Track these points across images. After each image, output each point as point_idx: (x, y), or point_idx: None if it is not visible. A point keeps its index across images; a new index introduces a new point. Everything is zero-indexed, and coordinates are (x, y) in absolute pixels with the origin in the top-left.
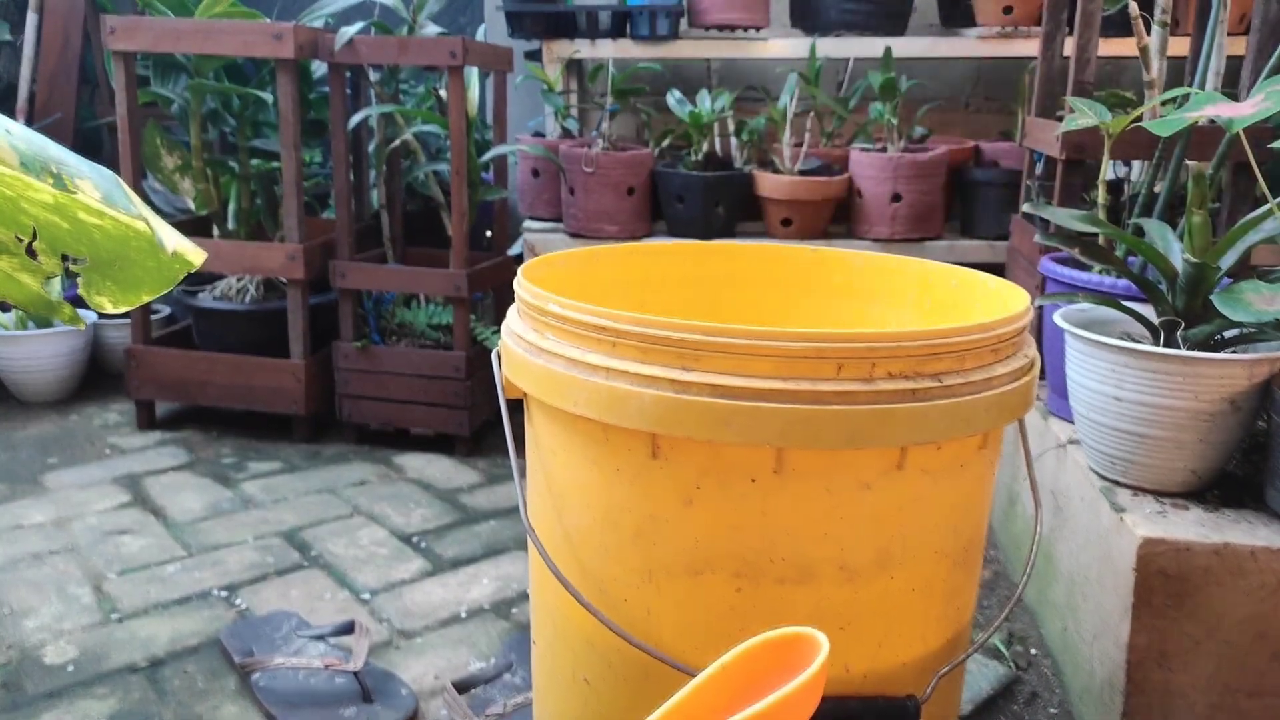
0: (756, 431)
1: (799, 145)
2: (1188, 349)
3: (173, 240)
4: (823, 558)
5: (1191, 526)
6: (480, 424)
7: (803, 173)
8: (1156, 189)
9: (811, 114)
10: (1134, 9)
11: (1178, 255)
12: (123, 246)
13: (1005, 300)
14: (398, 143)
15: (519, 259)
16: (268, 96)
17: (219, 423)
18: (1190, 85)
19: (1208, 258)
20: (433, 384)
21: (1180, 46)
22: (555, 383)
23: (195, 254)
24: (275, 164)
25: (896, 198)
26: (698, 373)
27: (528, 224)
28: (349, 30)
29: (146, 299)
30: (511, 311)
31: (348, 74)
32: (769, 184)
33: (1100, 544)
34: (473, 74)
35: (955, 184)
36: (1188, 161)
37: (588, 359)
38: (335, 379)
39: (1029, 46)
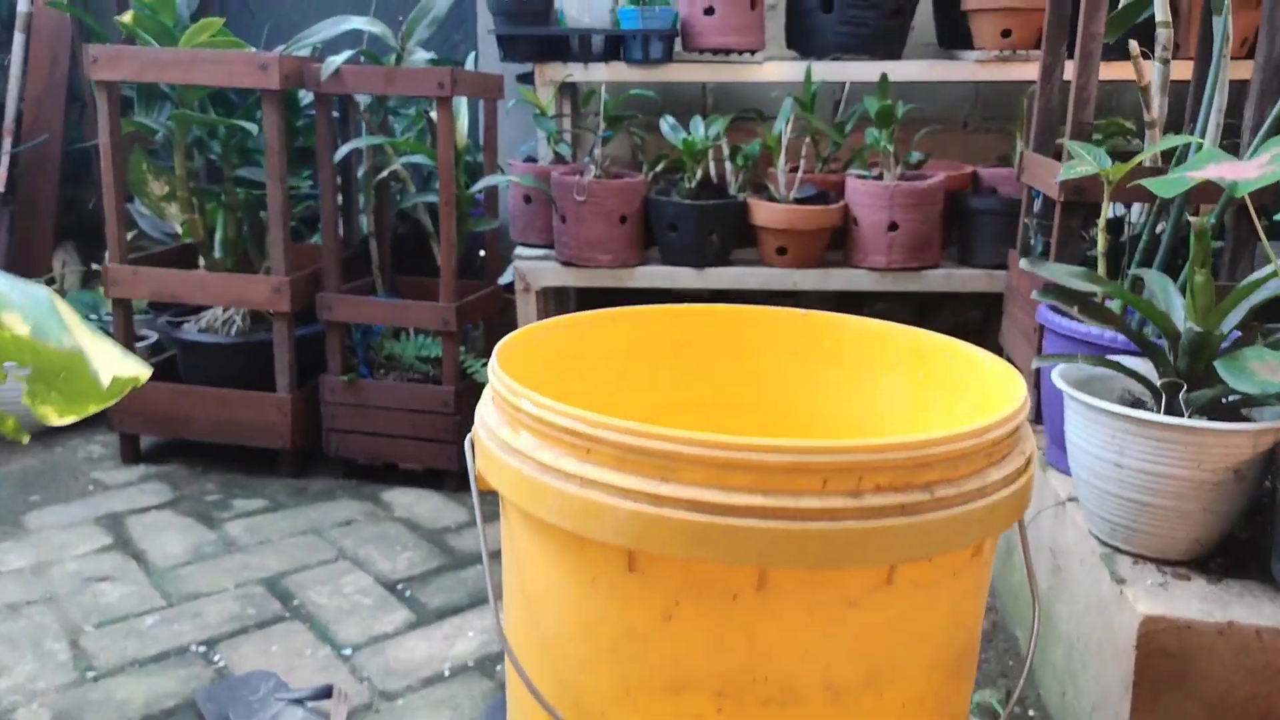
0: (736, 551)
1: (794, 171)
2: (1190, 414)
3: (110, 367)
4: (808, 677)
5: (1194, 602)
6: None
7: (798, 201)
8: (1158, 230)
9: (807, 139)
10: (1135, 47)
11: (1179, 312)
12: (66, 361)
13: (1001, 384)
14: (386, 173)
15: (510, 287)
16: (253, 127)
17: (205, 456)
18: (1193, 127)
19: (1210, 321)
20: (421, 418)
21: (1183, 70)
22: (528, 487)
23: (138, 372)
24: (262, 192)
25: (893, 226)
26: (675, 485)
27: (519, 251)
28: (335, 60)
29: (94, 410)
30: (486, 398)
31: (336, 100)
32: (764, 213)
33: (1100, 612)
34: (462, 102)
35: (953, 211)
36: (1189, 218)
37: (561, 465)
38: (322, 413)
39: (1028, 70)
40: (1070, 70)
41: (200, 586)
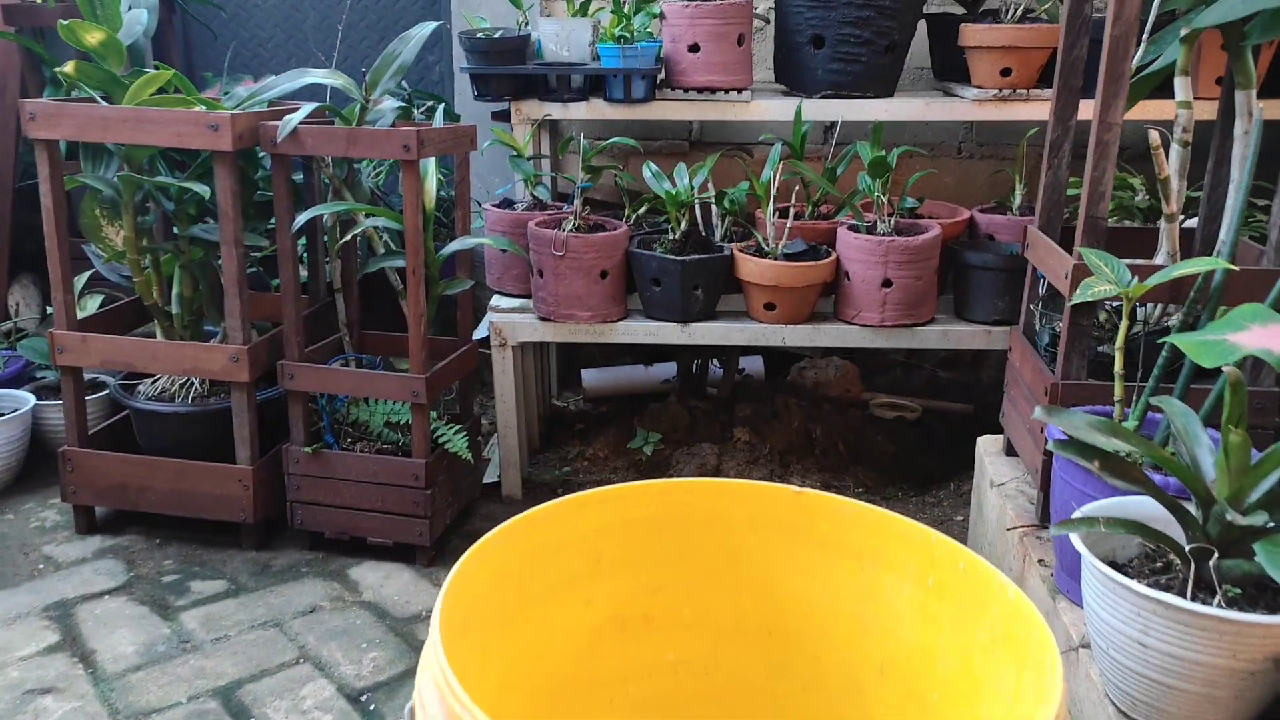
0: None
1: (784, 217)
2: (1222, 587)
3: None
4: None
5: None
6: (443, 530)
7: (787, 256)
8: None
9: (798, 186)
10: (1155, 139)
11: (1209, 469)
12: None
13: (1024, 626)
14: (350, 236)
15: (486, 341)
16: (205, 190)
17: (164, 526)
18: (1214, 180)
19: (1245, 484)
20: (390, 492)
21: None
22: None
23: None
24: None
25: (887, 283)
26: None
27: (495, 302)
28: (293, 119)
29: None
30: (426, 680)
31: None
32: (751, 269)
33: None
34: (430, 163)
35: (948, 263)
36: (1225, 368)
37: None
38: (286, 484)
39: (1028, 110)
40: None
41: (151, 699)
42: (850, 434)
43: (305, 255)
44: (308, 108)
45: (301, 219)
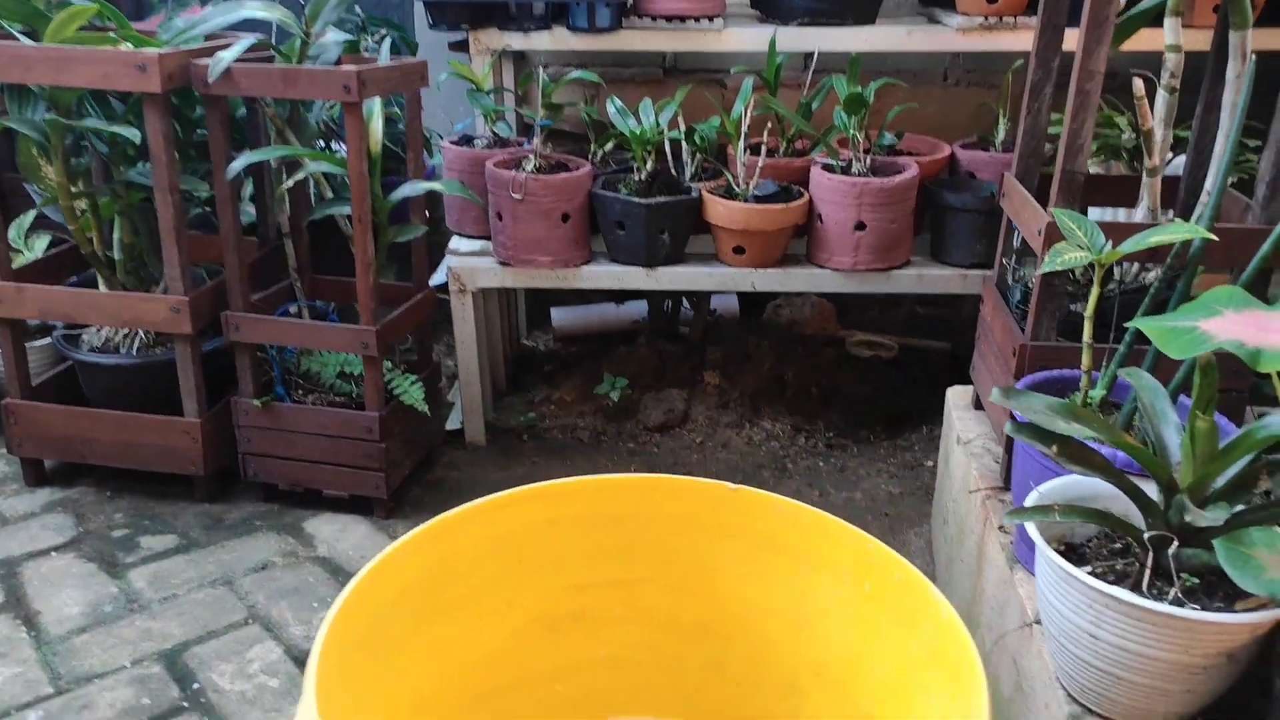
0: None
1: (755, 154)
2: (1180, 576)
3: None
4: None
5: None
6: (401, 481)
7: (758, 198)
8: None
9: (772, 121)
10: (1139, 88)
11: (1174, 451)
12: None
13: (956, 648)
14: (292, 182)
15: (444, 288)
16: (135, 134)
17: (116, 478)
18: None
19: (1210, 471)
20: (344, 444)
21: (1196, 39)
22: None
23: None
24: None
25: (861, 226)
26: None
27: (454, 244)
28: (225, 57)
29: None
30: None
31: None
32: (720, 212)
33: None
34: (375, 103)
35: (926, 202)
36: (1199, 357)
37: None
38: (237, 436)
39: (1015, 40)
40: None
41: (94, 664)
42: (823, 376)
43: (255, 196)
44: (242, 44)
45: (236, 165)
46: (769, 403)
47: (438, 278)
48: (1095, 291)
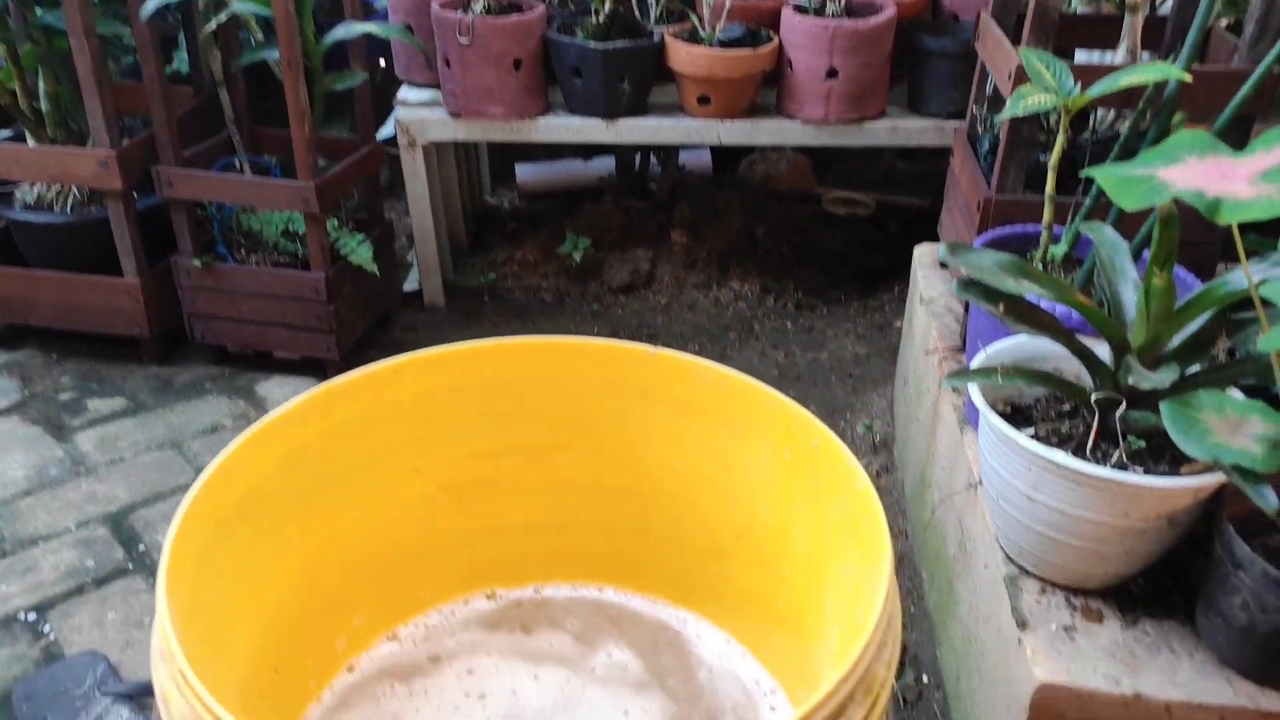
0: None
1: None
2: (1126, 439)
3: None
4: None
5: (1100, 661)
6: (354, 343)
7: (723, 43)
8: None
9: None
10: None
11: (1130, 310)
12: None
13: (867, 517)
14: (214, 25)
15: (392, 141)
16: None
17: (62, 340)
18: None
19: (1165, 330)
20: (291, 306)
21: None
22: None
23: None
24: None
25: (833, 73)
26: None
27: (403, 94)
28: None
29: None
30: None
31: None
32: (684, 57)
33: (998, 647)
34: None
35: (904, 46)
36: (1158, 205)
37: None
38: (180, 298)
39: None
40: None
41: (39, 526)
42: (796, 233)
43: (188, 43)
44: None
45: (151, 4)
46: (738, 262)
47: (386, 130)
48: (1060, 139)
